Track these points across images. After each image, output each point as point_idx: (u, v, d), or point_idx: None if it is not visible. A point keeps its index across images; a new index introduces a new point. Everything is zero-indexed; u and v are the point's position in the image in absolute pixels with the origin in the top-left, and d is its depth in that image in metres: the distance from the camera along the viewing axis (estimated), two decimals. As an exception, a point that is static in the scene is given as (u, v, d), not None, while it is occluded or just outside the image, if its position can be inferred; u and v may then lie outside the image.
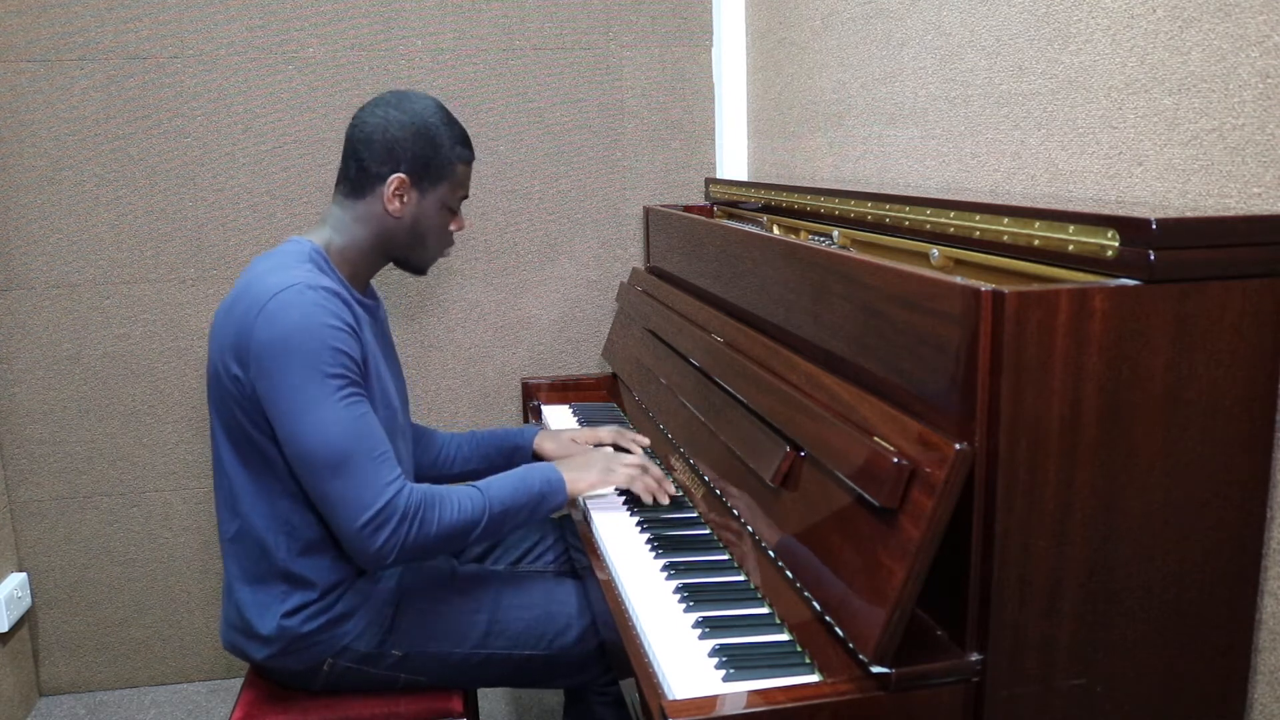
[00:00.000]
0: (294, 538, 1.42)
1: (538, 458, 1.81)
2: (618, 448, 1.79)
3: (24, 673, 2.38)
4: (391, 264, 1.57)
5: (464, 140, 1.52)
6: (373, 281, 1.60)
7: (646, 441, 1.80)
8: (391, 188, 1.46)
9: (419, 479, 1.80)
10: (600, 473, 1.57)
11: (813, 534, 1.14)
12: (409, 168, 1.46)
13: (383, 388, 1.48)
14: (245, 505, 1.42)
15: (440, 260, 1.67)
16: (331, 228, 1.49)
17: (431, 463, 1.82)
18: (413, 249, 1.53)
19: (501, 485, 1.47)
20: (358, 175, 1.47)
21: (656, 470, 1.61)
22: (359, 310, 1.44)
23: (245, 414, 1.37)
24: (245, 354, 1.34)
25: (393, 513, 1.34)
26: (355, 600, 1.46)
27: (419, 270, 1.58)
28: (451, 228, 1.56)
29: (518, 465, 1.74)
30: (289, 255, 1.43)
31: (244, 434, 1.39)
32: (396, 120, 1.45)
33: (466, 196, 1.57)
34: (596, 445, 1.80)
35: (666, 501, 1.58)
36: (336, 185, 1.51)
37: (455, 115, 1.53)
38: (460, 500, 1.41)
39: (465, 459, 1.83)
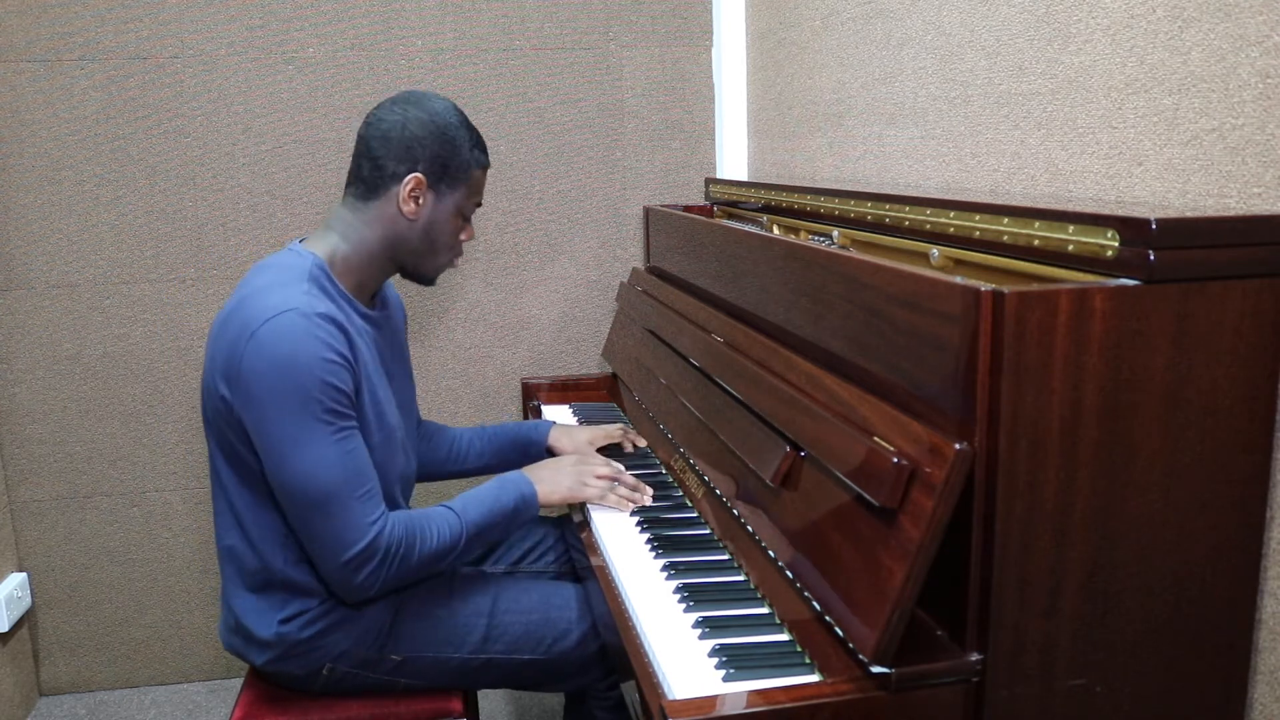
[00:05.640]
0: (290, 548, 1.41)
1: (551, 453, 1.82)
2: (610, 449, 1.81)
3: (24, 673, 2.38)
4: (399, 274, 1.52)
5: (481, 145, 1.48)
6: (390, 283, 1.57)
7: (643, 442, 1.81)
8: (408, 188, 1.41)
9: (431, 476, 1.81)
10: (571, 487, 1.57)
11: (812, 534, 1.14)
12: (427, 168, 1.41)
13: (378, 411, 1.43)
14: (242, 516, 1.41)
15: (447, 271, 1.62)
16: (338, 234, 1.44)
17: (444, 459, 1.81)
18: (423, 256, 1.48)
19: (477, 505, 1.47)
20: (372, 174, 1.42)
21: (629, 478, 1.61)
22: (357, 331, 1.39)
23: (234, 433, 1.35)
24: (234, 378, 1.30)
25: (375, 551, 1.34)
26: (353, 606, 1.46)
27: (426, 280, 1.52)
28: (462, 237, 1.51)
29: (533, 460, 1.74)
30: (289, 270, 1.37)
31: (234, 450, 1.37)
32: (415, 118, 1.40)
33: (480, 204, 1.53)
34: (606, 442, 1.82)
35: (648, 503, 1.59)
36: (347, 187, 1.46)
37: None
38: (439, 527, 1.41)
39: (479, 454, 1.83)
